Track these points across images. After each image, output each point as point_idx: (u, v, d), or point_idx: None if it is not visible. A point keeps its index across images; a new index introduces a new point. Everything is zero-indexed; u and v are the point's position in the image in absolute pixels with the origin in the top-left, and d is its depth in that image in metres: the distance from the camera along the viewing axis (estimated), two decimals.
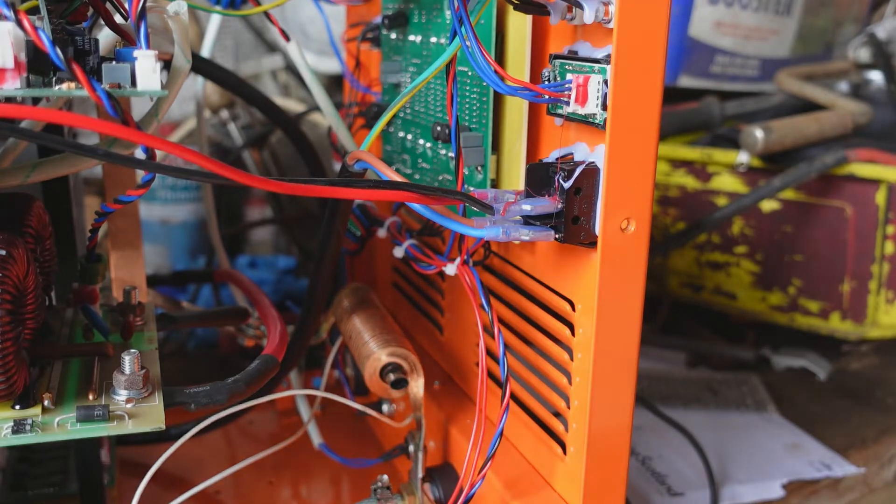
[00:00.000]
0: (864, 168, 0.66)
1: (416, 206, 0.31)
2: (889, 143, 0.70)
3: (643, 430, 0.59)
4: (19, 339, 0.30)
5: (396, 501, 0.42)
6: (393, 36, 0.48)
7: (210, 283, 0.67)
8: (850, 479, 0.55)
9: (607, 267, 0.32)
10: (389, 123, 0.49)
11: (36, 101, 0.33)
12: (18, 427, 0.30)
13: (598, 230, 0.32)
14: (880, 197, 0.66)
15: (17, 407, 0.31)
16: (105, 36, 0.34)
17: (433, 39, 0.43)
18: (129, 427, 0.31)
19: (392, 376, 0.42)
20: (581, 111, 0.31)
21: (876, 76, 0.83)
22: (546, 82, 0.34)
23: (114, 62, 0.28)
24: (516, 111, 0.37)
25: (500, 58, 0.37)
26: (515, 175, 0.37)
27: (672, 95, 0.83)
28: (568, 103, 0.31)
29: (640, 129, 0.31)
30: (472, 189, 0.39)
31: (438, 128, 0.41)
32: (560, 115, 0.34)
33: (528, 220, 0.33)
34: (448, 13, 0.41)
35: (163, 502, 0.39)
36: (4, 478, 0.44)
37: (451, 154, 0.41)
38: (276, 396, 0.44)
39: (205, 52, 0.59)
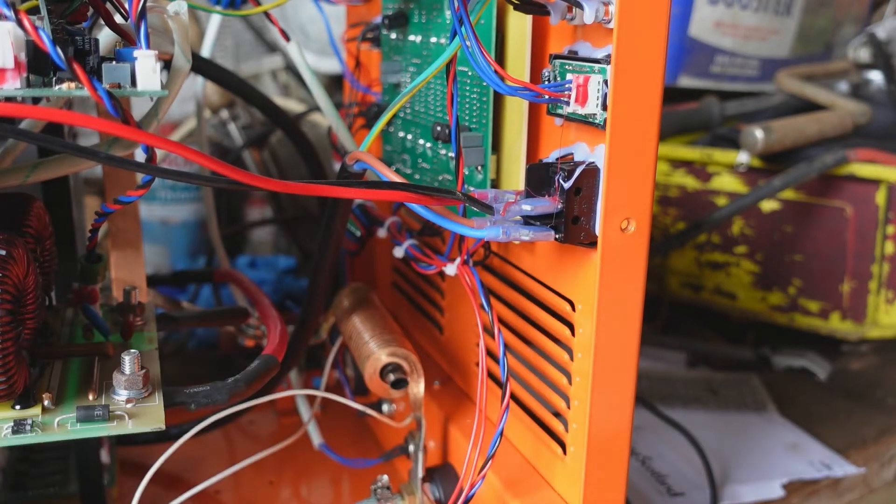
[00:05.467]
0: (864, 168, 0.66)
1: (415, 207, 0.31)
2: (889, 143, 0.70)
3: (643, 430, 0.59)
4: (19, 339, 0.30)
5: (396, 501, 0.42)
6: (393, 36, 0.48)
7: (210, 283, 0.67)
8: (850, 479, 0.55)
9: (607, 267, 0.32)
10: (389, 123, 0.49)
11: (36, 100, 0.33)
12: (18, 427, 0.30)
13: (598, 230, 0.32)
14: (880, 197, 0.66)
15: (17, 407, 0.31)
16: (105, 36, 0.34)
17: (433, 39, 0.43)
18: (129, 427, 0.31)
19: (392, 376, 0.42)
20: (581, 111, 0.31)
21: (876, 76, 0.83)
22: (546, 82, 0.34)
23: (114, 62, 0.28)
24: (516, 111, 0.37)
25: (500, 58, 0.37)
26: (515, 175, 0.37)
27: (672, 95, 0.83)
28: (568, 103, 0.31)
29: (640, 129, 0.31)
30: (472, 189, 0.39)
31: (438, 128, 0.41)
32: (560, 115, 0.34)
33: (528, 220, 0.33)
34: (448, 13, 0.41)
35: (163, 502, 0.39)
36: (4, 478, 0.44)
37: (451, 154, 0.41)
38: (276, 396, 0.44)
39: (205, 52, 0.59)
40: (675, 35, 0.81)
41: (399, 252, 0.43)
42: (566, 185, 0.31)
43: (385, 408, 0.47)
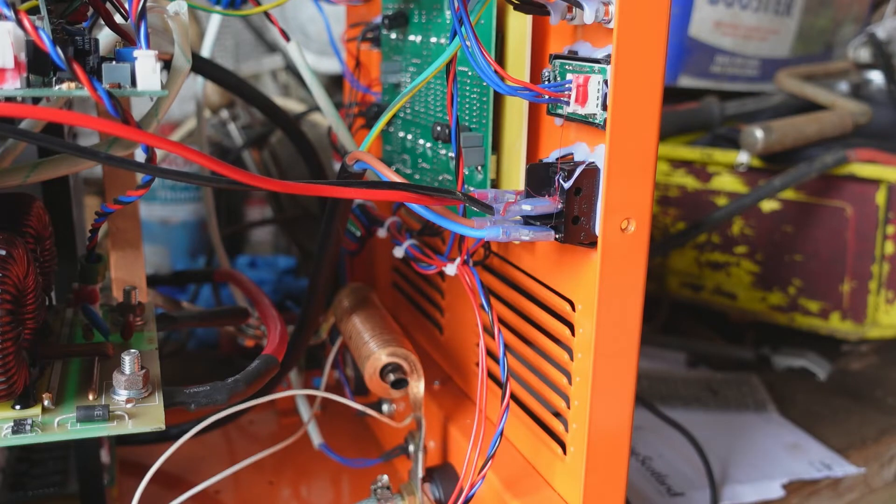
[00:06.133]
0: (864, 168, 0.66)
1: (415, 207, 0.31)
2: (889, 143, 0.70)
3: (643, 430, 0.59)
4: (19, 339, 0.30)
5: (396, 501, 0.42)
6: (393, 36, 0.48)
7: (210, 283, 0.67)
8: (850, 479, 0.55)
9: (607, 267, 0.32)
10: (389, 123, 0.49)
11: (36, 100, 0.33)
12: (18, 427, 0.30)
13: (598, 230, 0.32)
14: (880, 197, 0.66)
15: (17, 407, 0.31)
16: (105, 36, 0.34)
17: (433, 39, 0.43)
18: (129, 427, 0.30)
19: (392, 376, 0.42)
20: (581, 111, 0.31)
21: (876, 76, 0.83)
22: (546, 82, 0.34)
23: (114, 62, 0.28)
24: (516, 111, 0.37)
25: (500, 58, 0.37)
26: (515, 175, 0.37)
27: (672, 95, 0.83)
28: (568, 103, 0.31)
29: (640, 129, 0.31)
30: (472, 189, 0.39)
31: (438, 128, 0.41)
32: (560, 115, 0.34)
33: (528, 220, 0.33)
34: (448, 13, 0.41)
35: (163, 502, 0.39)
36: (4, 478, 0.44)
37: (451, 154, 0.41)
38: (276, 396, 0.44)
39: (205, 52, 0.59)
40: (675, 35, 0.81)
41: (399, 252, 0.43)
42: (566, 185, 0.31)
43: (385, 408, 0.47)
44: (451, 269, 0.38)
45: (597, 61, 0.31)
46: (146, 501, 0.35)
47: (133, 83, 0.28)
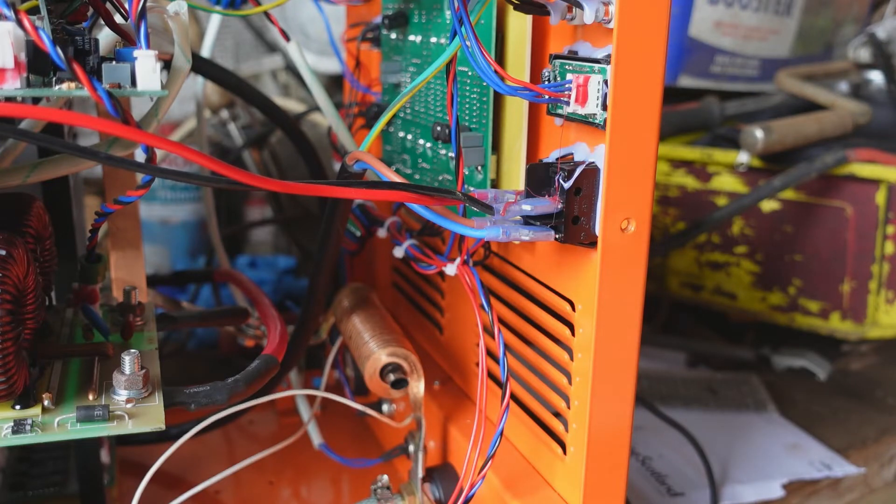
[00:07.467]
0: (864, 168, 0.66)
1: (415, 207, 0.31)
2: (889, 143, 0.70)
3: (643, 430, 0.59)
4: (19, 339, 0.30)
5: (396, 501, 0.42)
6: (393, 36, 0.48)
7: (210, 283, 0.67)
8: (850, 479, 0.55)
9: (607, 267, 0.32)
10: (389, 123, 0.49)
11: (36, 100, 0.33)
12: (18, 427, 0.30)
13: (598, 230, 0.32)
14: (880, 197, 0.66)
15: (17, 407, 0.31)
16: (105, 36, 0.34)
17: (433, 39, 0.43)
18: (129, 427, 0.31)
19: (392, 376, 0.42)
20: (581, 111, 0.31)
21: (876, 76, 0.83)
22: (546, 82, 0.34)
23: (114, 62, 0.28)
24: (516, 111, 0.37)
25: (500, 58, 0.37)
26: (515, 175, 0.37)
27: (672, 95, 0.83)
28: (568, 103, 0.31)
29: (640, 129, 0.31)
30: (472, 189, 0.39)
31: (438, 128, 0.41)
32: (560, 115, 0.34)
33: (528, 220, 0.33)
34: (448, 13, 0.41)
35: (163, 502, 0.39)
36: (4, 478, 0.44)
37: (451, 154, 0.41)
38: (276, 396, 0.44)
39: (205, 52, 0.59)
40: (675, 35, 0.81)
41: (399, 252, 0.43)
42: (566, 185, 0.31)
43: (385, 408, 0.47)
44: (451, 269, 0.38)
45: (597, 61, 0.31)
46: (146, 501, 0.35)
47: (133, 83, 0.28)
